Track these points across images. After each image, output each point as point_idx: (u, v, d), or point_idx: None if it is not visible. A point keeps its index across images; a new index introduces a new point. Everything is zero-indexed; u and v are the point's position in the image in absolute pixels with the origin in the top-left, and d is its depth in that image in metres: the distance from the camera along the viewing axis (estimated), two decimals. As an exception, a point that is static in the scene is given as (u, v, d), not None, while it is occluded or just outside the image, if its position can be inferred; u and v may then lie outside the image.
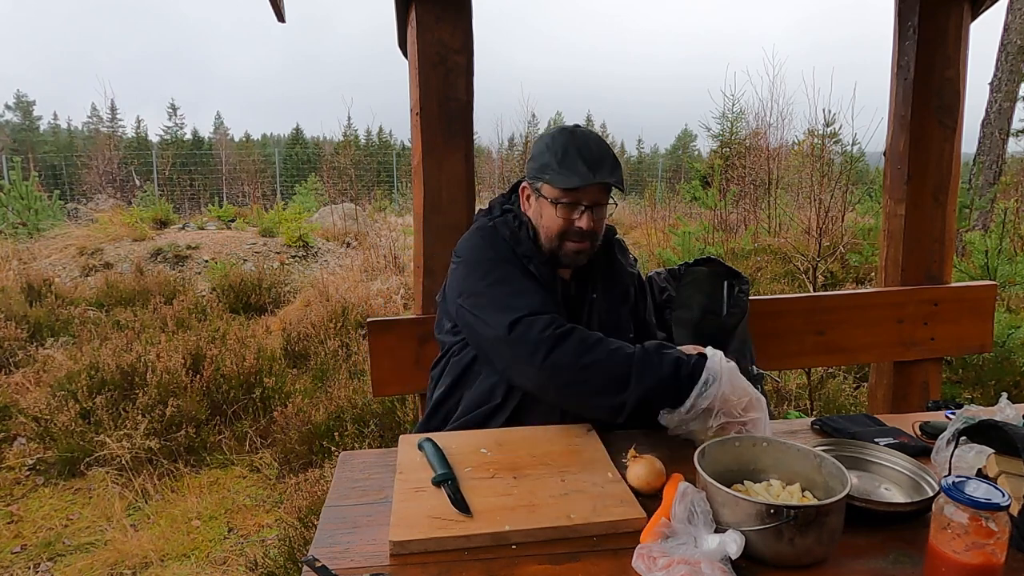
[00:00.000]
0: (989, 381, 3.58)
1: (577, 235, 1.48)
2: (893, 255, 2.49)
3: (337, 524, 1.12)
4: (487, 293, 1.43)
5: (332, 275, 7.58)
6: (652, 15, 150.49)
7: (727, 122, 11.28)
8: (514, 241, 1.51)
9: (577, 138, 1.48)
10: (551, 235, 1.49)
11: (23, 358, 4.84)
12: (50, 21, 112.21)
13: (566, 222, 1.47)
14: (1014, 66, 8.15)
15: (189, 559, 2.71)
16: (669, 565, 0.90)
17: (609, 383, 1.30)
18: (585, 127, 1.55)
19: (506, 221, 1.55)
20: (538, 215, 1.52)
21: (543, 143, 1.50)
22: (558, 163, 1.44)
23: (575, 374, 1.30)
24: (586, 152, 1.45)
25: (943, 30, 2.32)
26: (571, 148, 1.45)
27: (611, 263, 1.63)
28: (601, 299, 1.58)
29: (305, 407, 3.62)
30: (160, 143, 33.67)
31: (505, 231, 1.53)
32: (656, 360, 1.30)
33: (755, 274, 6.24)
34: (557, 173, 1.44)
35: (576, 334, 1.32)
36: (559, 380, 1.32)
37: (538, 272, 1.48)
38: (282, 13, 2.22)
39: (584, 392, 1.32)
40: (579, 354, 1.30)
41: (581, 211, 1.47)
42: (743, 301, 2.07)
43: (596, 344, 1.32)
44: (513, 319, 1.35)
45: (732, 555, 0.92)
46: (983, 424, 1.16)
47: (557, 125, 1.56)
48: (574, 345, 1.30)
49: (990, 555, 0.86)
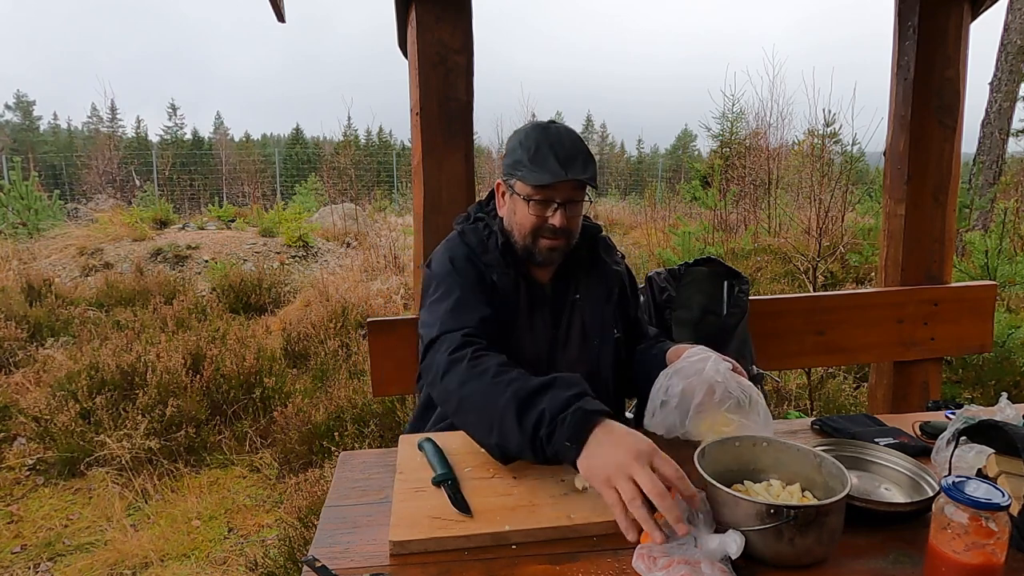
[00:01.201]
0: (989, 381, 3.58)
1: (551, 232, 1.47)
2: (893, 255, 2.49)
3: (337, 524, 1.12)
4: (429, 307, 1.44)
5: (332, 275, 7.58)
6: (652, 15, 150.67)
7: (727, 122, 11.29)
8: (480, 249, 1.50)
9: (550, 134, 1.46)
10: (524, 232, 1.48)
11: (23, 358, 4.84)
12: (50, 21, 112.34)
13: (539, 219, 1.46)
14: (1014, 66, 8.15)
15: (189, 559, 2.71)
16: (669, 565, 0.90)
17: (478, 422, 1.21)
18: (560, 123, 1.52)
19: (476, 229, 1.55)
20: (512, 212, 1.50)
21: (516, 139, 1.49)
22: (530, 160, 1.43)
23: (457, 404, 1.24)
24: (559, 148, 1.43)
25: (943, 30, 2.32)
26: (544, 144, 1.43)
27: (595, 263, 1.62)
28: (584, 299, 1.57)
29: (305, 407, 3.62)
30: (160, 143, 33.72)
31: (472, 239, 1.52)
32: (523, 409, 1.12)
33: (755, 274, 6.24)
34: (529, 170, 1.42)
35: (468, 360, 1.24)
36: (447, 407, 1.28)
37: (500, 282, 1.47)
38: (282, 13, 2.22)
39: (464, 424, 1.25)
40: (462, 382, 1.22)
41: (554, 208, 1.45)
42: (743, 301, 2.08)
43: (480, 375, 1.21)
44: (432, 336, 1.35)
45: (732, 555, 0.92)
46: (983, 424, 1.16)
47: (532, 121, 1.54)
48: (462, 371, 1.24)
49: (990, 555, 0.86)
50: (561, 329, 1.54)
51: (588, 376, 1.52)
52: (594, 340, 1.55)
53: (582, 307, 1.56)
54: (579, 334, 1.55)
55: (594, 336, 1.55)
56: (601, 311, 1.58)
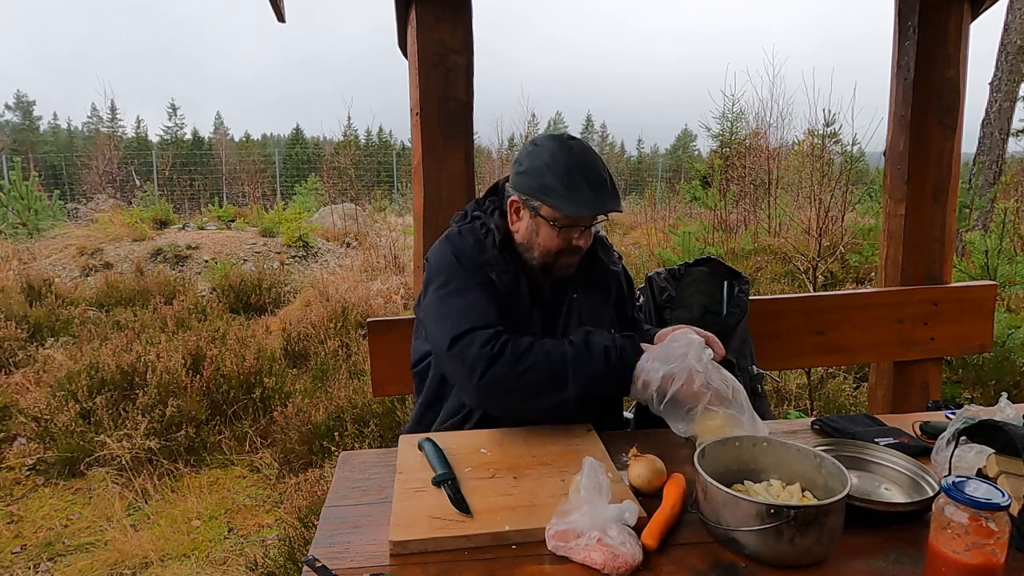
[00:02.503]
0: (989, 381, 3.58)
1: (573, 251, 1.50)
2: (893, 255, 2.49)
3: (337, 524, 1.12)
4: (438, 304, 1.45)
5: (332, 275, 7.59)
6: (654, 13, 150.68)
7: (727, 122, 11.27)
8: (478, 248, 1.51)
9: (576, 156, 1.45)
10: (548, 253, 1.49)
11: (23, 358, 4.84)
12: (50, 20, 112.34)
13: (565, 242, 1.48)
14: (1014, 66, 8.15)
15: (189, 559, 2.71)
16: (581, 535, 0.99)
17: (548, 384, 1.34)
18: (579, 140, 1.51)
19: (473, 228, 1.55)
20: (532, 232, 1.49)
21: (541, 160, 1.45)
22: (563, 187, 1.41)
23: (514, 382, 1.33)
24: (589, 174, 1.43)
25: (943, 30, 2.32)
26: (575, 170, 1.42)
27: (593, 263, 1.62)
28: (583, 299, 1.58)
29: (305, 407, 3.62)
30: (160, 143, 33.73)
31: (469, 238, 1.53)
32: (587, 353, 1.35)
33: (755, 274, 6.24)
34: (563, 199, 1.41)
35: (510, 346, 1.35)
36: (499, 391, 1.35)
37: (499, 280, 1.47)
38: (282, 13, 2.22)
39: (525, 397, 1.35)
40: (514, 363, 1.33)
41: (581, 231, 1.48)
42: (743, 301, 2.08)
43: (529, 349, 1.35)
44: (455, 334, 1.37)
45: (629, 522, 1.02)
46: (983, 424, 1.16)
47: (549, 135, 1.52)
48: (509, 356, 1.34)
49: (990, 555, 0.86)
50: (559, 329, 1.55)
51: None
52: None
53: (580, 307, 1.57)
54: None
55: None
56: (599, 311, 1.58)
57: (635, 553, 0.97)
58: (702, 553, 1.03)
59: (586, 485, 1.03)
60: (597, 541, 0.97)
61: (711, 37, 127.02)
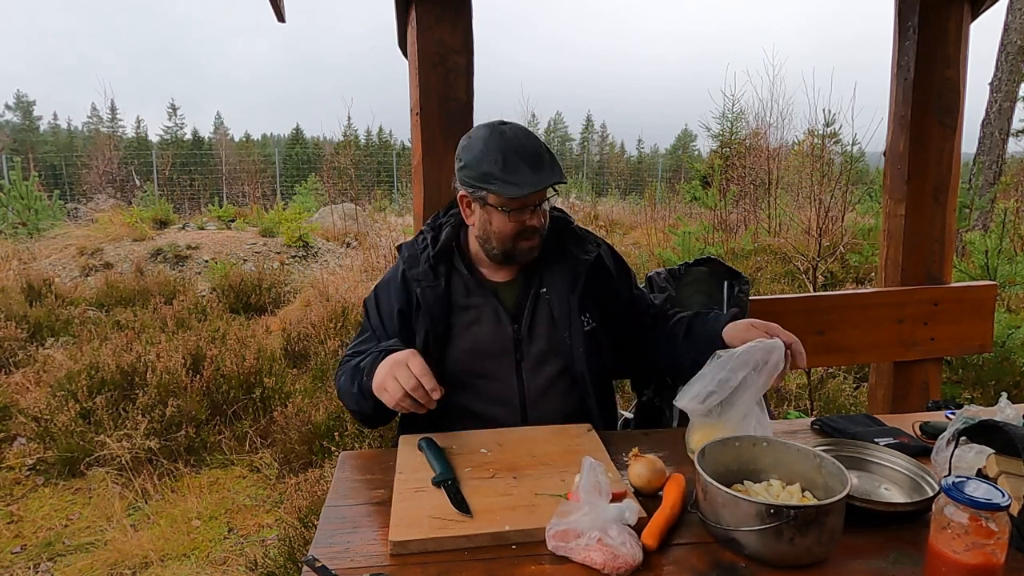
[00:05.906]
0: (989, 381, 3.58)
1: (530, 233, 1.51)
2: (893, 255, 2.49)
3: (337, 524, 1.12)
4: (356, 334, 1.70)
5: (332, 275, 7.59)
6: (655, 13, 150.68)
7: (727, 122, 11.27)
8: (411, 263, 1.57)
9: (509, 139, 1.46)
10: (505, 239, 1.51)
11: (23, 358, 4.84)
12: (50, 20, 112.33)
13: (518, 224, 1.48)
14: (1014, 66, 8.15)
15: (189, 559, 2.71)
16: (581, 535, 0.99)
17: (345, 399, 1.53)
18: (511, 123, 1.52)
19: (413, 243, 1.62)
20: (486, 222, 1.51)
21: (477, 150, 1.47)
22: (502, 171, 1.43)
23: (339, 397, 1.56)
24: (525, 154, 1.44)
25: (943, 30, 2.32)
26: (509, 153, 1.44)
27: (562, 256, 1.62)
28: (551, 292, 1.58)
29: (305, 407, 3.61)
30: (160, 143, 33.73)
31: (404, 253, 1.61)
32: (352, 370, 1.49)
33: (755, 274, 6.24)
34: (504, 183, 1.43)
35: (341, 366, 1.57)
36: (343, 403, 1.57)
37: (423, 295, 1.53)
38: (282, 13, 2.22)
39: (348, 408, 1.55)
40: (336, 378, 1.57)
41: (531, 211, 1.49)
42: (743, 301, 2.07)
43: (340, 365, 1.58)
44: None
45: (630, 521, 1.01)
46: (983, 424, 1.16)
47: (481, 124, 1.53)
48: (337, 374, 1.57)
49: (990, 555, 0.86)
50: (523, 324, 1.56)
51: (561, 370, 1.54)
52: (563, 333, 1.55)
53: (549, 300, 1.58)
54: (547, 328, 1.57)
55: (562, 329, 1.55)
56: (567, 302, 1.57)
57: (635, 553, 0.97)
58: (702, 553, 1.03)
59: (585, 486, 1.03)
60: (597, 541, 0.97)
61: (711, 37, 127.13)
